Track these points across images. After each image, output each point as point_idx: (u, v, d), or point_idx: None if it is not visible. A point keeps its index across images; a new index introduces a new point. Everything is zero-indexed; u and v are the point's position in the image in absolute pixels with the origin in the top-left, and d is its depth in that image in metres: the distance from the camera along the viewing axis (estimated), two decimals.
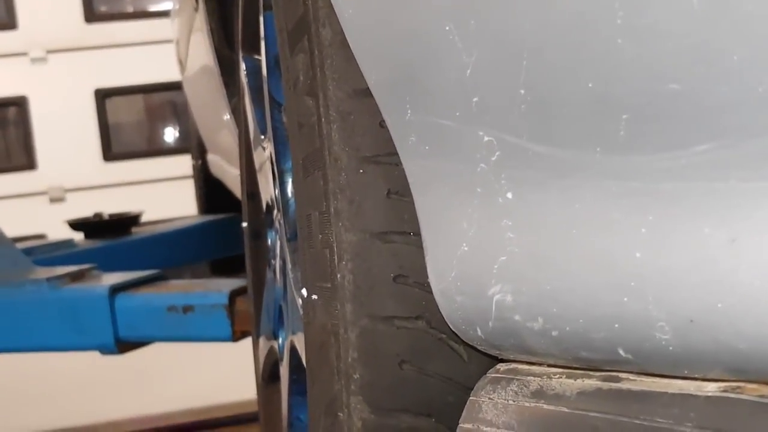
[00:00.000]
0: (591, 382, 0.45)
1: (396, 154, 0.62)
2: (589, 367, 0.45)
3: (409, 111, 0.50)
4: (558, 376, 0.47)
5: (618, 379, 0.44)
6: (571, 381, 0.46)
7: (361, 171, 0.61)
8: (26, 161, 5.51)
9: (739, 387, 0.38)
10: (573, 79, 0.39)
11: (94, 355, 2.04)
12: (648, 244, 0.38)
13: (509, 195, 0.44)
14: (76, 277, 1.87)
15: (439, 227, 0.51)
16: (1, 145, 5.67)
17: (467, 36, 0.43)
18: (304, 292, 0.67)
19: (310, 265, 0.66)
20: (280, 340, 1.06)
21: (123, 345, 1.79)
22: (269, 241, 1.12)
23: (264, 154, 1.00)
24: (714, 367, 0.38)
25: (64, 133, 5.44)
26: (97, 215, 2.77)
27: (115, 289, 1.78)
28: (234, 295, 1.68)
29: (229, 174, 2.60)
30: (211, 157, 3.26)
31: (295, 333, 0.83)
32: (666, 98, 0.36)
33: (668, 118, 0.36)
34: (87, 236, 2.71)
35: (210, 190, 3.52)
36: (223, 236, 2.96)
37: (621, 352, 0.41)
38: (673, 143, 0.36)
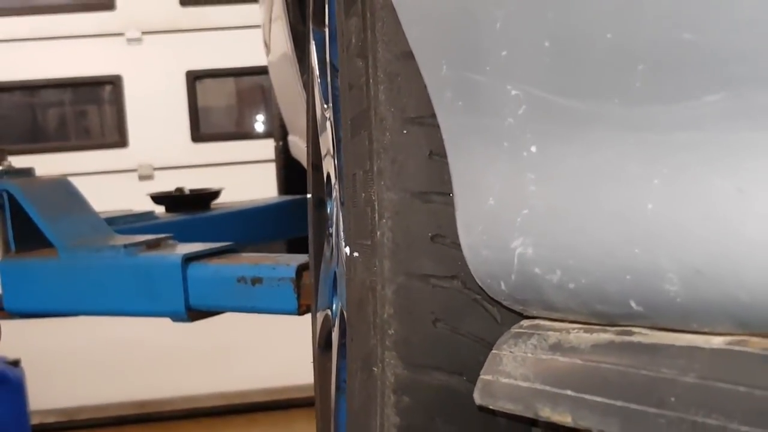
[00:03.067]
0: (605, 336, 0.45)
1: None
2: (606, 322, 0.46)
3: (444, 66, 0.51)
4: (576, 330, 0.48)
5: (631, 333, 0.44)
6: (587, 335, 0.46)
7: (405, 131, 0.63)
8: (119, 139, 5.69)
9: (744, 340, 0.38)
10: (593, 29, 0.39)
11: (172, 332, 2.08)
12: (660, 196, 0.39)
13: (533, 149, 0.45)
14: (152, 245, 1.94)
15: (469, 182, 0.52)
16: (96, 123, 5.88)
17: None
18: (347, 250, 0.69)
19: (354, 223, 0.68)
20: (334, 307, 1.08)
21: (194, 313, 1.84)
22: (328, 210, 1.15)
23: (328, 125, 1.02)
24: (721, 319, 0.38)
25: (155, 113, 5.60)
26: (179, 189, 2.86)
27: (188, 258, 1.83)
28: (301, 269, 1.71)
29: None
30: (292, 138, 3.32)
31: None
32: (679, 48, 0.36)
33: (681, 69, 0.36)
34: (168, 209, 2.79)
35: (289, 171, 3.58)
36: (299, 216, 3.01)
37: (633, 304, 0.42)
38: (686, 93, 0.37)
